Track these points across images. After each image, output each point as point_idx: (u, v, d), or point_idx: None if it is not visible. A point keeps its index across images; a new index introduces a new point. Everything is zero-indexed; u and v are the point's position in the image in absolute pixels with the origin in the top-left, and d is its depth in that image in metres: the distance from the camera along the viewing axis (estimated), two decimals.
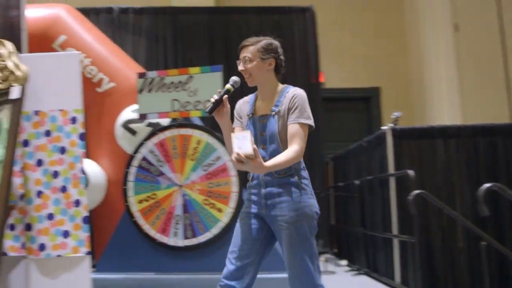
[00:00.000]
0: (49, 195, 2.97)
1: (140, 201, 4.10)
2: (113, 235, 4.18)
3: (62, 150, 2.99)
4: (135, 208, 4.09)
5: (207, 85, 3.99)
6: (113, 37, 5.81)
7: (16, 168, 2.95)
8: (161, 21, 6.51)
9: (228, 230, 3.91)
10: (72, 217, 2.99)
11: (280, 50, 2.47)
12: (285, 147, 2.37)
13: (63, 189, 2.98)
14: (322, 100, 6.65)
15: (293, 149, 2.31)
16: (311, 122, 2.39)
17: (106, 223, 4.62)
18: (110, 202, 4.73)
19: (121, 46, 5.50)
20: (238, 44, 2.48)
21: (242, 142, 2.19)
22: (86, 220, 3.02)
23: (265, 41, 2.45)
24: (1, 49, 2.99)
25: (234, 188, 4.02)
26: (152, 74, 4.18)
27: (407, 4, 8.46)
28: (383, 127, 4.82)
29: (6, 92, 2.90)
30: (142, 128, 4.49)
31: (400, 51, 8.39)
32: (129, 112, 4.60)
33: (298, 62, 6.59)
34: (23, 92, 2.87)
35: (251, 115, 2.50)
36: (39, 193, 2.96)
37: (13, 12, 3.66)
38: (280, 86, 2.50)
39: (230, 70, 4.32)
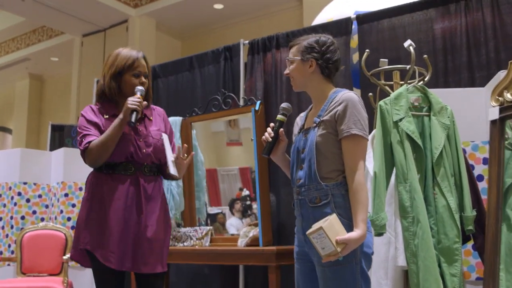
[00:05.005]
0: None
1: None
2: None
3: None
4: None
5: None
6: None
7: None
8: None
9: None
10: None
11: (330, 48, 2.05)
12: (325, 163, 1.96)
13: None
14: None
15: (356, 182, 1.89)
16: (364, 133, 1.94)
17: None
18: None
19: None
20: None
21: (321, 241, 1.82)
22: None
23: (310, 39, 2.07)
24: None
25: None
26: None
27: None
28: None
29: None
30: None
31: None
32: None
33: None
34: None
35: (300, 131, 2.11)
36: None
37: None
38: (332, 90, 2.07)
39: None
